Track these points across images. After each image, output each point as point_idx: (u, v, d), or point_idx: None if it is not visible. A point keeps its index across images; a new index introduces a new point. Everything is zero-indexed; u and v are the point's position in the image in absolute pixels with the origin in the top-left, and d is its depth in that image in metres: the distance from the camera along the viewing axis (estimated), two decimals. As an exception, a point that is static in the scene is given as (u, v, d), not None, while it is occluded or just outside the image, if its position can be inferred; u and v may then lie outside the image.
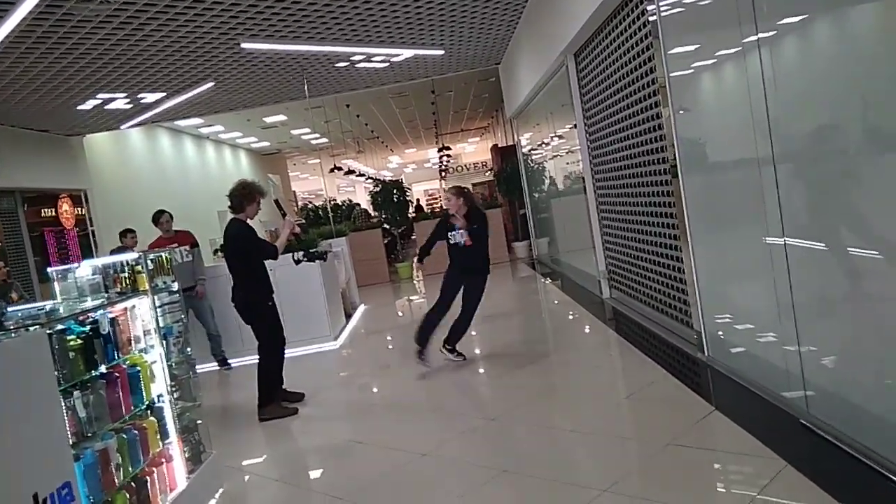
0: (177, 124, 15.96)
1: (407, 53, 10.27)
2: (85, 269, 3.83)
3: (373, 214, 15.00)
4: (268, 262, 5.32)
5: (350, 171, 17.49)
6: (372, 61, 10.45)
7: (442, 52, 10.23)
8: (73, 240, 11.79)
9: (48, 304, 3.52)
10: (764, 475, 3.03)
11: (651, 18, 4.80)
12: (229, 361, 7.50)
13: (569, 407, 4.62)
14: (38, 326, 2.65)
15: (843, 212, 3.13)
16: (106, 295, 3.60)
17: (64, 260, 11.23)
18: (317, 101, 15.25)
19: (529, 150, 12.47)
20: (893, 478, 2.76)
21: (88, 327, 2.99)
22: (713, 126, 4.40)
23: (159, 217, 7.40)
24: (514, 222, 13.85)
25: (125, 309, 3.36)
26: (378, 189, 13.62)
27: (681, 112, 4.67)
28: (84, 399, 2.83)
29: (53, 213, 11.38)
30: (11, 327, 2.59)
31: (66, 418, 2.66)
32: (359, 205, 21.68)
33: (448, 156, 22.17)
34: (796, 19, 3.24)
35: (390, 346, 7.80)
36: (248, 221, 5.33)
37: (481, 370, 5.82)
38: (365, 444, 4.49)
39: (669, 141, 4.80)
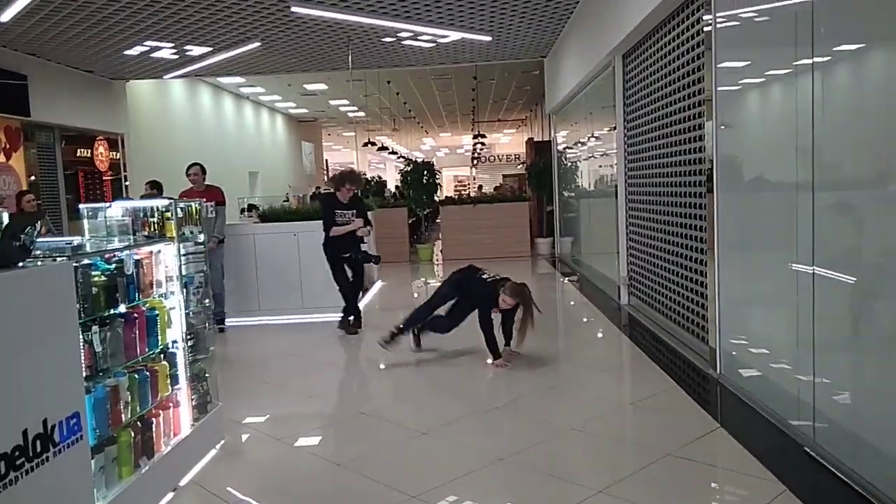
0: (218, 81, 16.08)
1: (454, 36, 10.23)
2: (116, 210, 3.88)
3: (403, 194, 14.98)
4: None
5: (383, 148, 17.41)
6: (418, 40, 10.42)
7: (490, 38, 10.17)
8: (105, 183, 11.97)
9: (76, 240, 3.58)
10: (761, 498, 3.02)
11: (706, 29, 4.74)
12: (225, 322, 7.50)
13: (572, 406, 4.62)
14: (64, 258, 2.71)
15: (878, 247, 3.08)
16: (133, 237, 3.65)
17: (95, 201, 11.40)
18: (358, 74, 15.29)
19: (564, 148, 12.39)
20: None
21: (114, 266, 3.05)
22: (755, 145, 4.34)
23: (190, 169, 7.48)
24: (539, 218, 13.77)
25: (151, 253, 3.41)
26: (409, 168, 13.61)
27: (722, 127, 4.61)
28: (102, 335, 2.88)
29: (89, 154, 11.55)
30: (39, 255, 2.64)
31: (82, 351, 2.71)
32: (385, 182, 21.68)
33: (483, 144, 22.08)
34: (854, 47, 3.18)
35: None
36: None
37: (490, 360, 5.83)
38: (369, 417, 4.53)
39: (708, 155, 4.75)
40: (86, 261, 2.87)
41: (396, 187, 18.75)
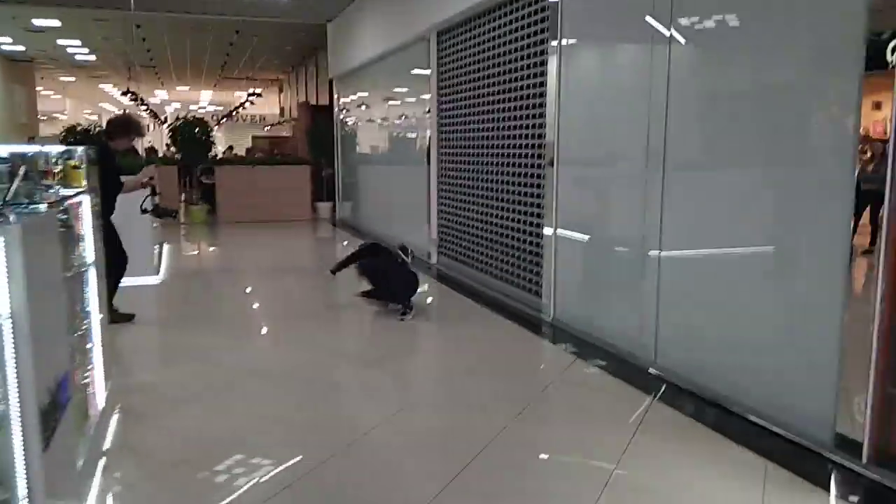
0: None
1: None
2: None
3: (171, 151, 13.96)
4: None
5: (138, 99, 15.85)
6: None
7: (289, -3, 10.02)
8: None
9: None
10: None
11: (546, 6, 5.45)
12: None
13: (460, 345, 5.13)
14: (43, 205, 2.45)
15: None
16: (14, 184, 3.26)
17: None
18: (104, 14, 13.88)
19: (350, 113, 12.65)
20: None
21: (65, 216, 2.78)
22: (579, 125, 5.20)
23: None
24: (317, 182, 13.84)
25: (77, 205, 3.12)
26: (180, 124, 12.74)
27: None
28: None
29: None
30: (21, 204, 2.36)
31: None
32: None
33: (252, 102, 21.15)
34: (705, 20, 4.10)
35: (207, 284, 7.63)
36: None
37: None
38: (255, 378, 4.55)
39: (550, 131, 5.52)
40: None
41: (166, 144, 17.33)
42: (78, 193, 3.12)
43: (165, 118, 26.01)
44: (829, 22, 3.27)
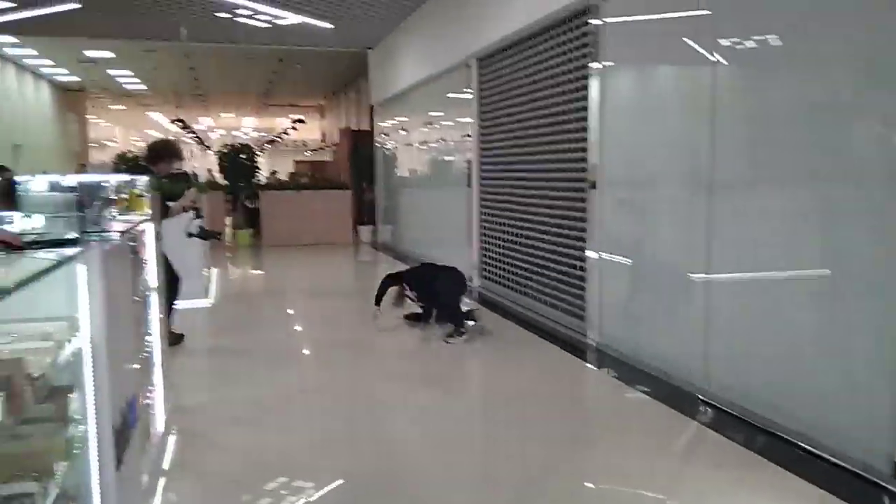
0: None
1: (294, 19, 10.18)
2: (40, 184, 3.59)
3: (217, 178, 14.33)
4: None
5: (186, 126, 16.34)
6: (255, 19, 10.19)
7: (331, 25, 10.27)
8: None
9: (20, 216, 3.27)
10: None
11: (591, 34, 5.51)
12: None
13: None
14: (117, 234, 2.58)
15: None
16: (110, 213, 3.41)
17: None
18: (154, 46, 14.40)
19: (390, 138, 12.84)
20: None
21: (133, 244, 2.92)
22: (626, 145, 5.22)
23: None
24: (359, 206, 14.03)
25: (142, 232, 3.27)
26: (227, 151, 13.09)
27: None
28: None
29: None
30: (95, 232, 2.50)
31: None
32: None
33: (294, 128, 21.67)
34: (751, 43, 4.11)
35: (256, 306, 7.79)
36: None
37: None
38: (306, 396, 4.64)
39: (592, 157, 5.55)
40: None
41: (208, 170, 17.84)
42: (142, 221, 3.26)
43: (210, 145, 26.83)
44: (877, 39, 3.26)
